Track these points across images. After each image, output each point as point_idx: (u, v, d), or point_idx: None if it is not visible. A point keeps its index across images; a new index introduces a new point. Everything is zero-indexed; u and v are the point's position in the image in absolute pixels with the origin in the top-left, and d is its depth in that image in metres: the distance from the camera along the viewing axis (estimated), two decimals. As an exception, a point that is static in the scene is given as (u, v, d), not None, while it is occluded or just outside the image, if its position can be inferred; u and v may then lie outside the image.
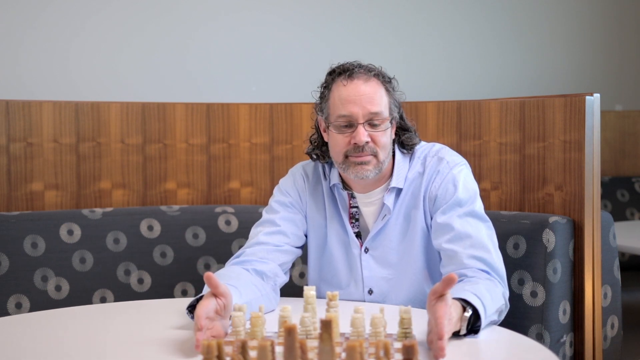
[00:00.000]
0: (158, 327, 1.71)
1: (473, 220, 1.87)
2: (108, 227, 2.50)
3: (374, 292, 1.98)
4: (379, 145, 1.87)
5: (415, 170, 1.96)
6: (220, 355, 1.25)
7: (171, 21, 3.50)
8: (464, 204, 1.88)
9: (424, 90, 4.06)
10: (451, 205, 1.87)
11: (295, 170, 2.09)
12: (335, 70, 1.92)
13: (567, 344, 2.08)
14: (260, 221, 2.02)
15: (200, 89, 3.53)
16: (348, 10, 3.94)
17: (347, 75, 1.87)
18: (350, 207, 1.99)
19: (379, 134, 1.87)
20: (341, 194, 1.99)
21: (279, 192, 2.06)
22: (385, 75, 1.92)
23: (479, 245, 1.83)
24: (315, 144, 2.01)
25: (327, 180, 2.02)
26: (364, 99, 1.85)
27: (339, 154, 1.89)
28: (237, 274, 1.84)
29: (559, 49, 4.55)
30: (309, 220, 2.04)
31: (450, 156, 1.95)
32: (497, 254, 1.86)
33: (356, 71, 1.88)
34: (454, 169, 1.91)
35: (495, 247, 1.87)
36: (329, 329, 1.20)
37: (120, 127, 2.67)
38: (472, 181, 1.94)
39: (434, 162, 1.94)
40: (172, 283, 2.54)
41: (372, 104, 1.85)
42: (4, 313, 2.34)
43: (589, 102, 2.13)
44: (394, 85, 1.93)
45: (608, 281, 2.21)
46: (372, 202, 1.96)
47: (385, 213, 1.94)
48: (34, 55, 3.23)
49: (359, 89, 1.86)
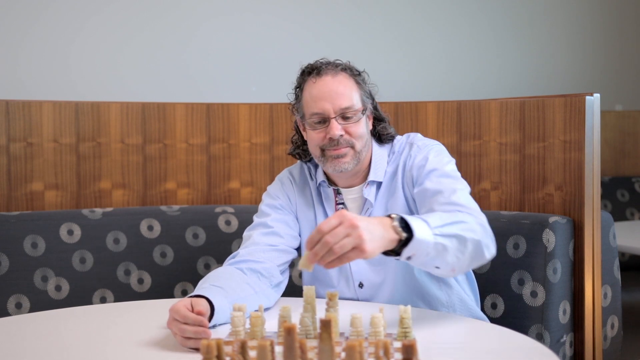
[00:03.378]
0: (158, 327, 1.71)
1: (446, 180, 1.83)
2: (108, 227, 2.51)
3: (365, 285, 1.97)
4: (354, 136, 1.90)
5: (394, 164, 1.98)
6: (220, 355, 1.25)
7: (171, 21, 3.50)
8: (435, 169, 1.86)
9: (424, 90, 4.06)
10: (425, 175, 1.87)
11: (281, 175, 2.12)
12: (305, 70, 1.98)
13: (567, 344, 2.08)
14: (252, 225, 2.04)
15: (200, 89, 3.53)
16: (348, 11, 3.94)
17: (316, 73, 1.93)
18: (337, 204, 2.01)
19: (352, 125, 1.90)
20: (327, 191, 2.02)
21: (268, 196, 2.08)
22: (353, 68, 1.96)
23: (452, 198, 1.77)
24: (297, 144, 2.07)
25: (314, 180, 2.05)
26: (333, 94, 1.89)
27: (316, 149, 1.93)
28: (229, 274, 1.84)
29: (559, 49, 4.55)
30: (301, 221, 2.05)
31: (421, 140, 1.98)
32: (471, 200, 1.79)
33: (324, 68, 1.93)
34: (424, 148, 1.93)
35: (470, 199, 1.80)
36: (328, 328, 1.20)
37: (120, 127, 2.67)
38: (446, 155, 1.93)
39: (406, 149, 1.97)
40: (172, 283, 2.54)
41: (341, 98, 1.89)
42: (4, 313, 2.34)
43: (589, 102, 2.13)
44: (364, 77, 1.97)
45: (608, 281, 2.21)
46: (355, 198, 1.99)
47: (367, 207, 1.96)
48: (34, 55, 3.23)
49: (328, 85, 1.90)
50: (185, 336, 1.55)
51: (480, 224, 1.69)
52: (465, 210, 1.74)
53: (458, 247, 1.62)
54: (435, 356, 1.47)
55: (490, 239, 1.71)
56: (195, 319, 1.54)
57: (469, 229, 1.65)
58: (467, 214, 1.71)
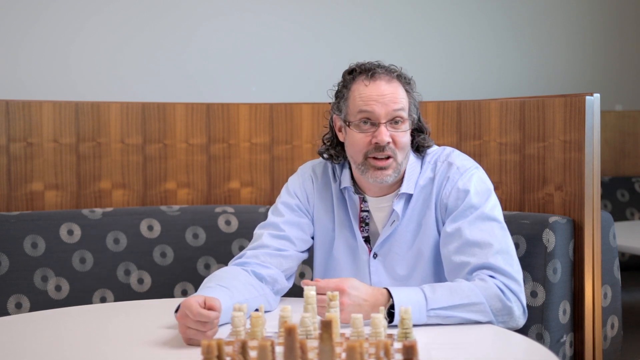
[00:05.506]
0: (158, 327, 1.71)
1: (485, 226, 1.81)
2: (108, 227, 2.51)
3: None
4: (399, 146, 1.85)
5: (426, 176, 1.92)
6: (220, 355, 1.25)
7: (171, 21, 3.50)
8: (474, 209, 1.83)
9: (424, 90, 4.03)
10: (461, 211, 1.83)
11: (304, 170, 2.05)
12: (355, 70, 1.89)
13: (567, 344, 2.08)
14: (265, 223, 1.99)
15: (200, 89, 3.53)
16: (348, 10, 3.94)
17: (370, 75, 1.85)
18: (361, 211, 1.95)
19: (400, 134, 1.85)
20: (352, 198, 1.95)
21: (287, 192, 2.02)
22: (406, 76, 1.91)
23: (490, 259, 1.78)
24: (329, 144, 1.97)
25: (337, 182, 1.98)
26: (386, 99, 1.83)
27: (359, 154, 1.86)
28: (235, 274, 1.83)
29: (559, 49, 4.55)
30: (316, 224, 2.00)
31: (461, 161, 1.91)
32: (507, 255, 1.81)
33: (378, 71, 1.86)
34: (464, 174, 1.87)
35: (505, 249, 1.81)
36: (329, 329, 1.20)
37: (120, 127, 2.67)
38: (484, 182, 1.89)
39: (444, 167, 1.90)
40: (172, 283, 2.54)
41: (394, 104, 1.83)
42: (4, 313, 2.34)
43: (589, 102, 2.13)
44: (413, 86, 1.92)
45: (608, 281, 2.21)
46: (383, 208, 1.93)
47: (394, 219, 1.90)
48: (34, 55, 3.23)
49: (381, 89, 1.84)
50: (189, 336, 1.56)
51: (495, 305, 1.73)
52: (495, 278, 1.76)
53: (461, 321, 1.71)
54: (435, 356, 1.47)
55: (508, 315, 1.75)
56: (208, 315, 1.54)
57: (477, 311, 1.72)
58: (485, 290, 1.73)
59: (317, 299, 1.60)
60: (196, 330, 1.56)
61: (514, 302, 1.75)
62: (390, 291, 1.69)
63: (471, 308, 1.71)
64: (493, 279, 1.76)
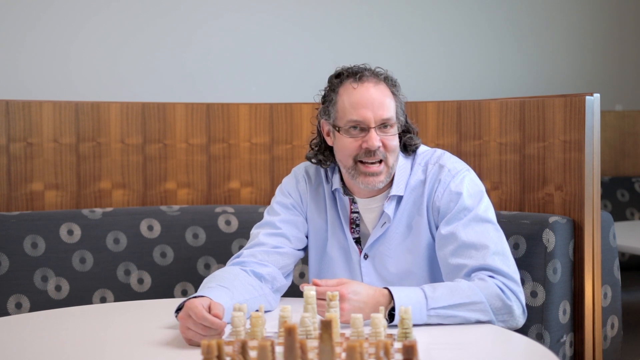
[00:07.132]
0: (158, 327, 1.71)
1: (479, 227, 1.82)
2: (108, 227, 2.51)
3: None
4: (389, 150, 1.85)
5: (417, 178, 1.92)
6: (220, 355, 1.25)
7: (171, 21, 3.50)
8: (468, 211, 1.84)
9: (424, 90, 4.06)
10: (455, 214, 1.84)
11: (297, 170, 2.06)
12: (342, 73, 1.88)
13: (567, 344, 2.08)
14: (261, 223, 2.01)
15: (200, 89, 3.53)
16: (348, 11, 3.94)
17: (357, 78, 1.84)
18: (351, 213, 1.96)
19: (390, 137, 1.84)
20: (342, 199, 1.96)
21: (281, 192, 2.04)
22: (392, 78, 1.90)
23: (487, 260, 1.79)
24: (317, 149, 1.97)
25: (329, 183, 1.99)
26: (375, 104, 1.82)
27: (349, 158, 1.85)
28: (234, 274, 1.84)
29: (559, 49, 4.55)
30: (310, 223, 2.01)
31: (452, 163, 1.91)
32: (504, 256, 1.82)
33: (366, 74, 1.85)
34: (456, 177, 1.87)
35: (502, 250, 1.82)
36: (329, 329, 1.20)
37: (120, 127, 2.67)
38: (476, 184, 1.90)
39: (435, 169, 1.90)
40: (172, 283, 2.54)
41: (383, 108, 1.83)
42: (4, 313, 2.34)
43: (589, 102, 2.13)
44: (399, 88, 1.91)
45: (608, 281, 2.21)
46: (373, 209, 1.93)
47: (384, 221, 1.91)
48: (34, 55, 3.23)
49: (369, 93, 1.83)
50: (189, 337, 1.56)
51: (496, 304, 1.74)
52: (495, 278, 1.77)
53: (462, 321, 1.72)
54: (435, 356, 1.47)
55: (508, 314, 1.75)
56: (213, 322, 1.54)
57: (477, 310, 1.72)
58: (485, 289, 1.74)
59: (317, 304, 1.60)
60: (196, 332, 1.56)
61: (514, 301, 1.76)
62: (391, 291, 1.69)
63: (472, 307, 1.71)
64: (492, 279, 1.77)
